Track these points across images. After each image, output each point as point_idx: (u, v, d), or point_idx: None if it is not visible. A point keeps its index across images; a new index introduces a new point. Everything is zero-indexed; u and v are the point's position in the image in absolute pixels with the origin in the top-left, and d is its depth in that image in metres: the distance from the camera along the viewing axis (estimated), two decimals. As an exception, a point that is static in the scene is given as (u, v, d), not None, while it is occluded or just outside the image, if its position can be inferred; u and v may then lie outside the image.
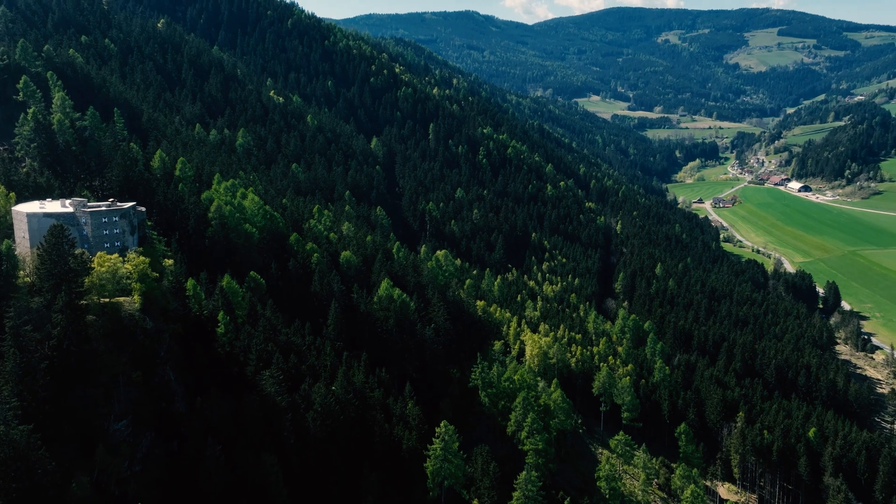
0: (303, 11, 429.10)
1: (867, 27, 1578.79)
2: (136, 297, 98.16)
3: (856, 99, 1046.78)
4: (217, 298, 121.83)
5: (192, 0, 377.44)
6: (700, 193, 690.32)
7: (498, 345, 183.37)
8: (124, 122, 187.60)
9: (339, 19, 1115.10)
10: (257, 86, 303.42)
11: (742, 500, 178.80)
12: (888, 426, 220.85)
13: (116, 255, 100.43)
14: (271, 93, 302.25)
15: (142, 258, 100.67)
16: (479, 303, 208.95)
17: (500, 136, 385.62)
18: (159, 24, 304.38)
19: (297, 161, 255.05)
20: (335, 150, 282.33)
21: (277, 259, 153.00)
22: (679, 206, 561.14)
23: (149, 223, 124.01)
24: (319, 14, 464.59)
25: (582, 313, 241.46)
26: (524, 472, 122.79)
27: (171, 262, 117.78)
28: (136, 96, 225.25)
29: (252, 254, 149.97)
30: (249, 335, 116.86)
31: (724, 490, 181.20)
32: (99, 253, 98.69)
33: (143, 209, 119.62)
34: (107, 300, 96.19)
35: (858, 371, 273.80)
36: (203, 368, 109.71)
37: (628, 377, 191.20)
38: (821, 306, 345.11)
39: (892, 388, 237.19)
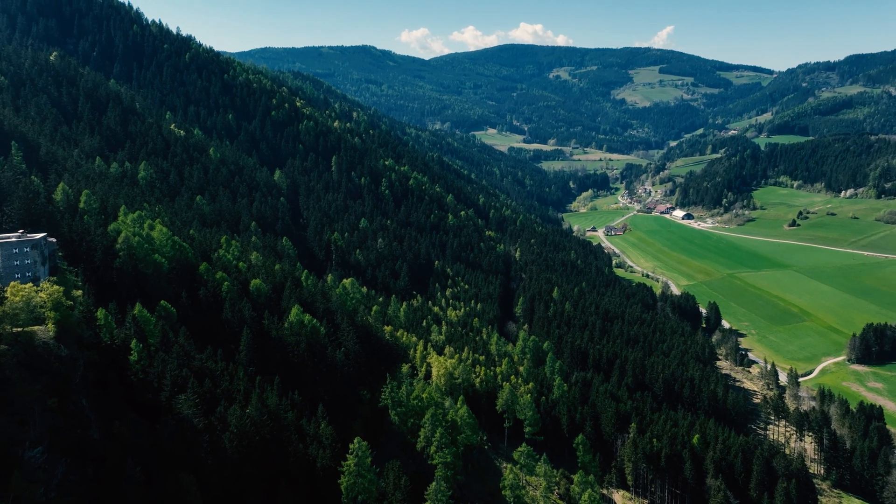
0: (200, 45, 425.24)
1: (737, 67, 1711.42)
2: (50, 325, 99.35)
3: (730, 133, 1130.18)
4: (129, 327, 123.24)
5: (84, 33, 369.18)
6: (593, 222, 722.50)
7: (406, 367, 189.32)
8: (22, 156, 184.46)
9: (236, 52, 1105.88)
10: (157, 119, 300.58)
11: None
12: (761, 431, 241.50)
13: (30, 284, 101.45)
14: (172, 126, 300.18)
15: (56, 287, 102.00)
16: (387, 328, 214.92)
17: (402, 168, 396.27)
18: (52, 57, 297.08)
19: (201, 193, 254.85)
20: (239, 183, 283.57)
21: (188, 288, 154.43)
22: (574, 234, 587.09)
23: (59, 254, 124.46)
24: (216, 48, 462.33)
25: (485, 336, 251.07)
26: (434, 484, 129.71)
27: (80, 292, 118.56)
28: (32, 129, 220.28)
29: (162, 283, 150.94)
30: (164, 362, 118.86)
31: (619, 497, 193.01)
32: (12, 283, 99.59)
33: (54, 240, 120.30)
34: (20, 329, 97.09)
35: (737, 384, 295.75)
36: (116, 395, 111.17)
37: (529, 394, 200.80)
38: (704, 325, 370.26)
39: (765, 398, 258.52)
